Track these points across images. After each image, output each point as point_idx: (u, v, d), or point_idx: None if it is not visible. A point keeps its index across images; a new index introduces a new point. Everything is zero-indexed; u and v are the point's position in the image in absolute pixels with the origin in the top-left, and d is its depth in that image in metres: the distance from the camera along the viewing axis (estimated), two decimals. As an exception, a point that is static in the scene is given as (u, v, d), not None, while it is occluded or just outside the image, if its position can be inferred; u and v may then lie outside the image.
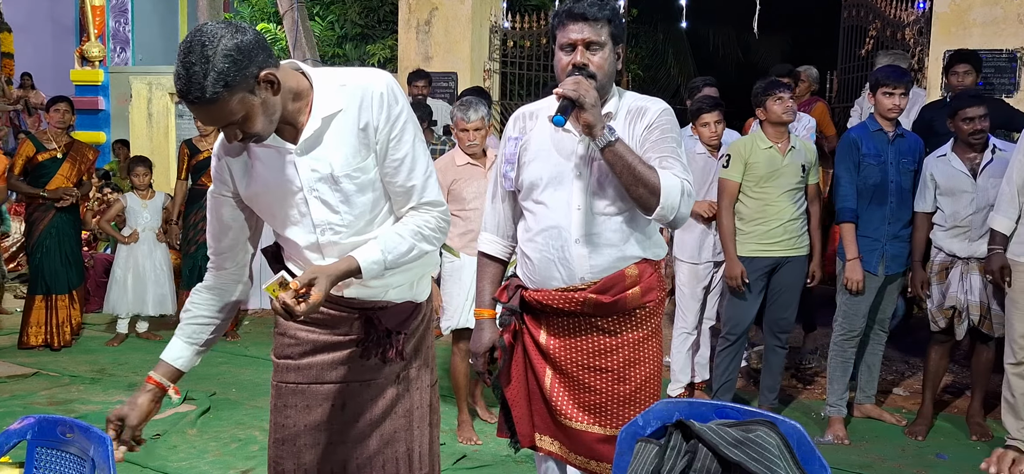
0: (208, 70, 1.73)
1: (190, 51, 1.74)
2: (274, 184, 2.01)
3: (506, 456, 3.99)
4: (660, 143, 2.26)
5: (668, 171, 2.19)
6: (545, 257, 2.35)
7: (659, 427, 1.93)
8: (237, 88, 1.77)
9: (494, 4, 7.83)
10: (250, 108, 1.81)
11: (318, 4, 8.86)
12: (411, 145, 2.00)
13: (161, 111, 10.23)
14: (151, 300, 6.14)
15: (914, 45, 6.20)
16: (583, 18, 2.24)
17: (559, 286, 2.35)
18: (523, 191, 2.39)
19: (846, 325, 4.33)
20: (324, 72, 2.02)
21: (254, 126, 1.85)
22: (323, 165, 1.97)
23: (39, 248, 5.90)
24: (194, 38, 1.75)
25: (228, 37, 1.76)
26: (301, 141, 1.95)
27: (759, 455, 1.77)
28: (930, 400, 4.44)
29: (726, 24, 12.06)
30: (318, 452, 2.17)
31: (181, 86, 1.76)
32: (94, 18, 11.07)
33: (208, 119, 1.82)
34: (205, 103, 1.76)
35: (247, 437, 4.25)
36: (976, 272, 4.15)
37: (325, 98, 1.95)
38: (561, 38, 2.29)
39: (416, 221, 2.04)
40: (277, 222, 2.09)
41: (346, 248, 2.03)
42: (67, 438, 2.00)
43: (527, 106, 2.49)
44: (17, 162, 5.85)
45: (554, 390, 2.42)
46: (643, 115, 2.30)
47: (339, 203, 2.00)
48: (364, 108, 1.96)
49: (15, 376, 5.23)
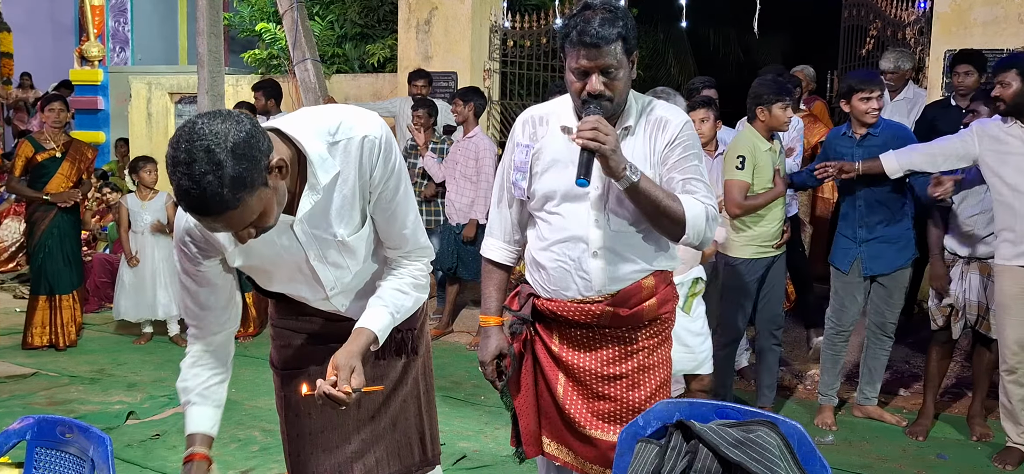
0: (223, 177, 1.53)
1: (194, 161, 1.52)
2: (271, 256, 1.92)
3: (506, 456, 3.98)
4: (683, 162, 2.21)
5: (692, 196, 2.16)
6: (561, 268, 2.30)
7: (659, 427, 1.93)
8: (254, 187, 1.58)
9: (494, 4, 7.82)
10: (267, 203, 1.64)
11: (318, 4, 8.84)
12: (404, 192, 1.99)
13: (160, 111, 10.22)
14: (160, 304, 6.10)
15: (915, 45, 6.19)
16: (596, 45, 2.10)
17: (574, 297, 2.30)
18: (535, 200, 2.33)
19: (834, 319, 4.40)
20: (308, 127, 1.81)
21: (269, 219, 1.69)
22: (328, 233, 1.91)
23: (41, 249, 5.88)
24: (194, 144, 1.53)
25: (233, 133, 1.55)
26: (301, 214, 1.83)
27: (759, 455, 1.76)
28: (931, 400, 4.43)
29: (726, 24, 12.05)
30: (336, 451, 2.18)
31: (194, 202, 1.55)
32: (93, 18, 11.05)
33: (224, 227, 1.63)
34: (225, 213, 1.57)
35: (247, 437, 4.24)
36: (976, 272, 4.15)
37: (321, 163, 1.80)
38: (572, 62, 2.15)
39: (411, 272, 2.08)
40: (275, 283, 2.04)
41: (353, 289, 2.07)
42: (66, 438, 1.99)
43: (536, 109, 2.38)
44: (17, 163, 5.82)
45: (568, 398, 2.39)
46: (664, 128, 2.23)
47: (347, 260, 1.99)
48: (364, 164, 1.87)
49: (14, 376, 5.23)
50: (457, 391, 4.98)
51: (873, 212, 4.20)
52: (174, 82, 10.13)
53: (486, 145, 5.99)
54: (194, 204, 1.56)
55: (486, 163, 5.92)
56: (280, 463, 3.91)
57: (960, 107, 4.92)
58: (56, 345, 5.87)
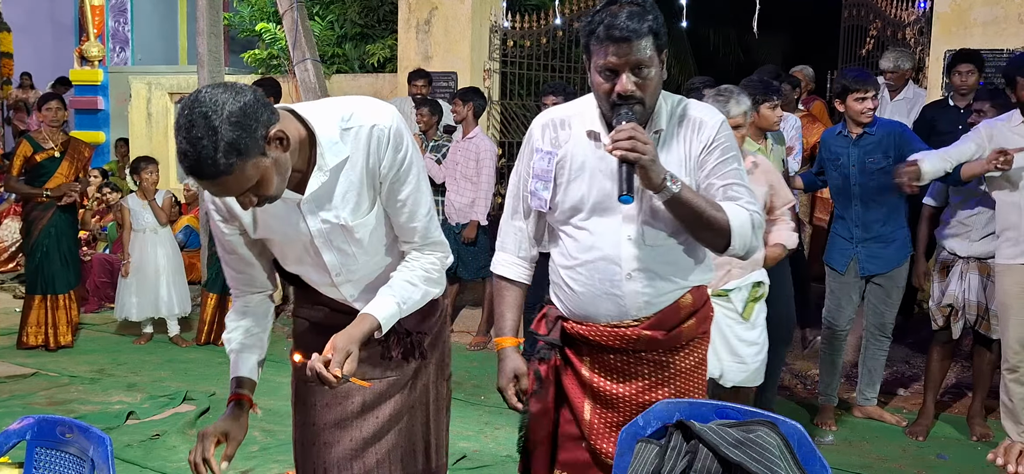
0: (218, 142, 1.63)
1: (193, 126, 1.64)
2: (281, 232, 2.00)
3: (506, 456, 3.98)
4: (722, 166, 2.03)
5: (735, 203, 2.00)
6: (591, 291, 2.10)
7: (659, 427, 1.93)
8: (249, 154, 1.68)
9: (494, 4, 7.82)
10: (264, 171, 1.73)
11: (318, 4, 8.84)
12: (415, 186, 1.99)
13: (160, 111, 10.22)
14: (163, 302, 6.10)
15: (915, 45, 6.19)
16: (627, 39, 1.89)
17: (607, 322, 2.12)
18: (559, 213, 2.13)
19: (830, 319, 4.41)
20: (323, 112, 1.91)
21: (269, 189, 1.77)
22: (333, 216, 1.95)
23: (38, 248, 5.89)
24: (194, 110, 1.65)
25: (231, 102, 1.66)
26: (309, 194, 1.90)
27: (760, 455, 1.76)
28: (931, 400, 4.43)
29: (726, 24, 12.05)
30: (341, 449, 2.18)
31: (190, 164, 1.66)
32: (93, 18, 11.05)
33: (222, 191, 1.74)
34: (219, 177, 1.67)
35: (247, 437, 4.22)
36: (976, 271, 4.15)
37: (330, 146, 1.88)
38: (598, 60, 1.95)
39: (423, 264, 2.07)
40: (288, 262, 2.10)
41: (361, 278, 2.07)
42: (66, 438, 1.99)
43: (556, 112, 2.17)
44: (15, 163, 5.85)
45: (593, 429, 2.19)
46: (700, 130, 2.04)
47: (352, 247, 2.02)
48: (372, 153, 1.92)
49: (14, 376, 5.23)
50: (457, 391, 4.97)
51: (869, 211, 4.20)
52: (174, 82, 10.13)
53: (487, 145, 6.00)
54: (191, 167, 1.67)
55: (486, 163, 5.93)
56: (280, 463, 3.91)
57: (958, 107, 4.92)
58: (47, 345, 5.86)
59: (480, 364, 5.58)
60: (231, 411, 2.07)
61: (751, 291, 3.50)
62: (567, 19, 7.80)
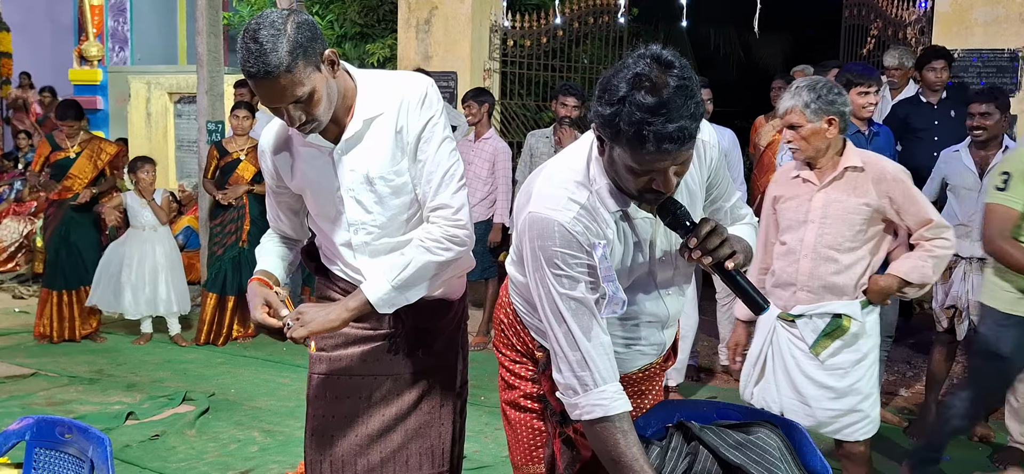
0: (283, 40, 1.79)
1: (260, 28, 1.80)
2: (314, 181, 2.10)
3: (506, 456, 3.98)
4: (723, 183, 1.95)
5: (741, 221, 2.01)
6: (634, 349, 1.96)
7: (659, 428, 1.92)
8: (310, 59, 1.84)
9: (494, 3, 7.81)
10: (318, 84, 1.88)
11: (318, 3, 8.84)
12: (436, 148, 2.05)
13: (160, 111, 10.21)
14: (161, 301, 6.07)
15: (916, 44, 6.19)
16: (680, 144, 1.54)
17: (642, 366, 2.03)
18: None
19: None
20: (369, 75, 2.07)
21: (318, 107, 1.90)
22: (361, 165, 2.04)
23: (51, 244, 6.11)
24: (262, 19, 1.82)
25: (296, 16, 1.85)
26: (342, 141, 2.02)
27: (760, 456, 1.76)
28: (932, 401, 4.43)
29: (727, 24, 12.04)
30: (347, 444, 2.20)
31: (255, 62, 1.80)
32: (93, 17, 11.05)
33: (279, 94, 1.84)
34: (281, 73, 1.80)
35: (246, 437, 4.24)
36: (978, 271, 4.15)
37: (368, 100, 2.02)
38: (641, 161, 1.58)
39: (419, 234, 2.08)
40: (319, 216, 2.19)
41: (377, 249, 2.11)
42: (66, 439, 1.99)
43: (573, 207, 1.72)
44: (36, 161, 6.10)
45: None
46: (704, 151, 1.85)
47: (373, 204, 2.07)
48: (402, 112, 2.02)
49: (14, 376, 5.22)
50: (457, 391, 4.97)
51: None
52: (173, 82, 10.12)
53: (502, 147, 6.01)
54: (254, 65, 1.80)
55: (502, 165, 5.94)
56: (280, 463, 3.90)
57: (932, 103, 5.00)
58: (51, 337, 6.02)
59: (480, 364, 5.55)
60: (254, 290, 2.11)
61: (828, 324, 2.88)
62: (567, 19, 7.80)
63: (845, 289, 2.85)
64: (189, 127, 9.91)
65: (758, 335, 3.08)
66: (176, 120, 10.33)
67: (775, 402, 2.96)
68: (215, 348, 5.87)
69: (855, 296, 2.86)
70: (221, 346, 5.91)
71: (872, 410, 2.94)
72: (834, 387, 2.87)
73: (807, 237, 2.88)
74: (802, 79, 2.93)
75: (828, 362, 2.86)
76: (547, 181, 1.78)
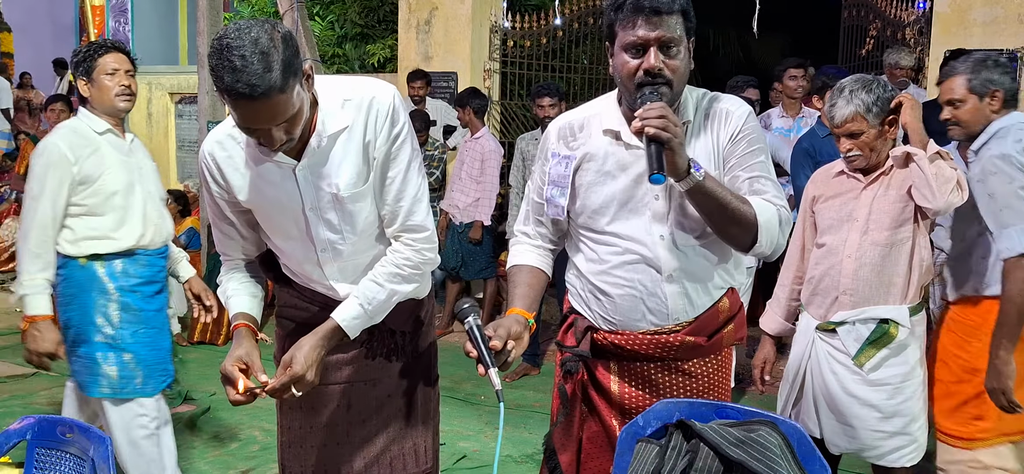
0: (275, 58, 1.65)
1: (242, 44, 1.63)
2: (273, 199, 1.97)
3: (506, 456, 3.98)
4: (748, 158, 1.91)
5: (761, 196, 1.88)
6: (630, 295, 1.97)
7: (659, 427, 1.92)
8: (297, 76, 1.71)
9: (494, 4, 7.82)
10: (301, 103, 1.75)
11: (318, 4, 8.84)
12: (405, 165, 1.97)
13: (161, 111, 10.22)
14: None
15: (914, 45, 6.19)
16: (656, 12, 1.79)
17: (647, 328, 1.99)
18: (582, 218, 2.01)
19: None
20: (326, 84, 1.93)
21: (297, 125, 1.77)
22: (327, 185, 1.93)
23: None
24: (243, 33, 1.65)
25: (278, 27, 1.70)
26: (305, 156, 1.89)
27: (760, 454, 1.76)
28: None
29: (726, 24, 12.05)
30: (326, 453, 2.17)
31: (247, 82, 1.63)
32: (94, 18, 11.07)
33: (269, 116, 1.70)
34: (274, 95, 1.66)
35: (247, 437, 4.24)
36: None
37: (330, 114, 1.89)
38: (625, 36, 1.83)
39: (395, 260, 2.02)
40: (275, 234, 2.06)
41: (345, 265, 2.04)
42: (67, 438, 1.99)
43: (571, 115, 2.06)
44: (20, 164, 6.01)
45: None
46: (726, 120, 1.93)
47: (342, 223, 1.99)
48: (370, 125, 1.92)
49: (15, 376, 5.23)
50: (457, 391, 4.97)
51: None
52: (174, 82, 10.13)
53: (492, 146, 6.01)
54: (246, 86, 1.63)
55: (491, 164, 5.94)
56: (280, 463, 3.91)
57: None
58: None
59: (480, 364, 5.57)
60: (238, 340, 2.02)
61: (875, 330, 2.61)
62: (567, 19, 7.81)
63: (892, 292, 2.60)
64: (190, 127, 9.91)
65: (795, 349, 2.82)
66: (177, 120, 10.34)
67: (815, 427, 2.70)
68: (215, 347, 5.87)
69: (904, 301, 2.60)
70: (221, 345, 5.92)
71: (920, 434, 2.65)
72: (882, 407, 2.61)
73: (851, 236, 2.64)
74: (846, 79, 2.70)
75: (874, 377, 2.60)
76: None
